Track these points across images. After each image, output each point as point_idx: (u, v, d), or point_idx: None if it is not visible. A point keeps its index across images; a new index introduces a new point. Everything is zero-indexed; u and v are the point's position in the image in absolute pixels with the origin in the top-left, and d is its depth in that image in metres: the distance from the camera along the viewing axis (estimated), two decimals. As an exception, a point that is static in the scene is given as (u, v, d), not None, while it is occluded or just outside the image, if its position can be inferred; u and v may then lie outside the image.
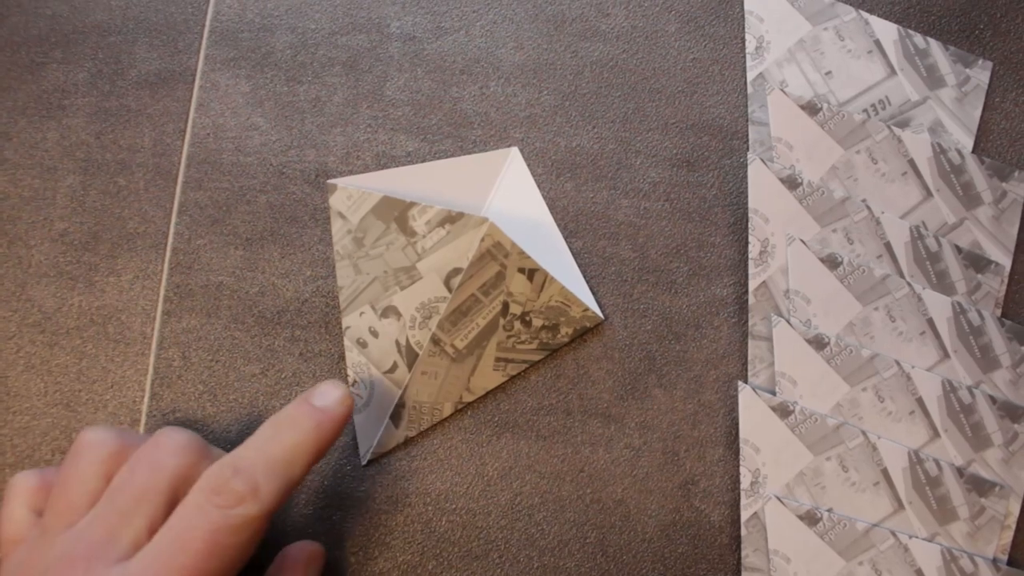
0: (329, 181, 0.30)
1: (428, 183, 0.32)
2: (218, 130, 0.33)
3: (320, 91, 0.34)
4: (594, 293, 0.32)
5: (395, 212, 0.30)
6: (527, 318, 0.30)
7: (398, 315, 0.30)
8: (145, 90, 0.34)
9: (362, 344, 0.30)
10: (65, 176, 0.33)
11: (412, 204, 0.30)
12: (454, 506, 0.31)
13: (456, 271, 0.29)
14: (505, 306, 0.30)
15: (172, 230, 0.33)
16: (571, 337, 0.31)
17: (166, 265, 0.32)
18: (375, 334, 0.30)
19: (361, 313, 0.30)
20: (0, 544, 0.27)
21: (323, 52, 0.34)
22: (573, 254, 0.32)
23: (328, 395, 0.27)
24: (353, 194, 0.30)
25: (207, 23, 0.34)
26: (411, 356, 0.30)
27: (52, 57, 0.34)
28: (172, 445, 0.25)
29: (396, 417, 0.30)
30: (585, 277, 0.32)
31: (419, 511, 0.31)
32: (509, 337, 0.30)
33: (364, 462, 0.31)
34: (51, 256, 0.33)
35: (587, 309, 0.31)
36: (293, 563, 0.28)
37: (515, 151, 0.33)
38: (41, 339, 0.32)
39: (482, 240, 0.29)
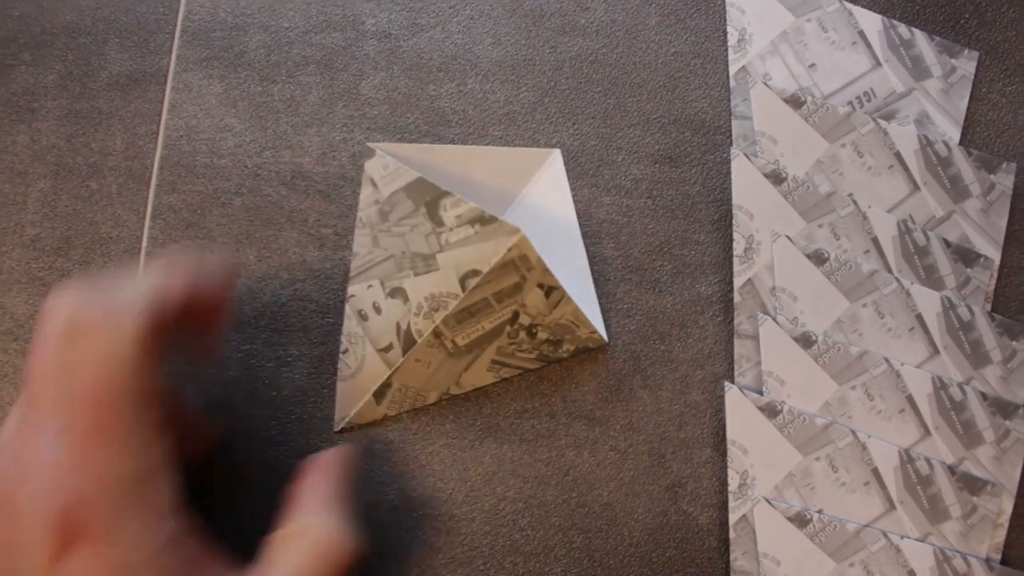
0: (368, 144, 0.30)
1: (465, 166, 0.31)
2: (191, 132, 0.33)
3: (295, 91, 0.33)
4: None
5: (427, 196, 0.29)
6: (533, 330, 0.29)
7: (405, 298, 0.29)
8: (116, 92, 0.33)
9: (363, 316, 0.30)
10: (36, 181, 0.32)
11: (446, 194, 0.29)
12: (436, 512, 0.30)
13: (474, 272, 0.28)
14: (515, 315, 0.29)
15: (146, 234, 0.32)
16: (571, 354, 0.31)
17: (140, 270, 0.32)
18: (378, 310, 0.30)
19: (369, 286, 0.30)
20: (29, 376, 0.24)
21: (297, 51, 0.33)
22: None
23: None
24: (390, 164, 0.29)
25: (179, 23, 0.33)
26: (408, 342, 0.29)
27: (20, 59, 0.33)
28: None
29: (380, 395, 0.30)
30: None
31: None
32: (511, 343, 0.30)
33: (336, 428, 0.30)
34: (23, 262, 0.32)
35: (594, 331, 0.30)
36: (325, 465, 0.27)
37: (557, 153, 0.32)
38: (14, 347, 0.31)
39: (509, 250, 0.28)
